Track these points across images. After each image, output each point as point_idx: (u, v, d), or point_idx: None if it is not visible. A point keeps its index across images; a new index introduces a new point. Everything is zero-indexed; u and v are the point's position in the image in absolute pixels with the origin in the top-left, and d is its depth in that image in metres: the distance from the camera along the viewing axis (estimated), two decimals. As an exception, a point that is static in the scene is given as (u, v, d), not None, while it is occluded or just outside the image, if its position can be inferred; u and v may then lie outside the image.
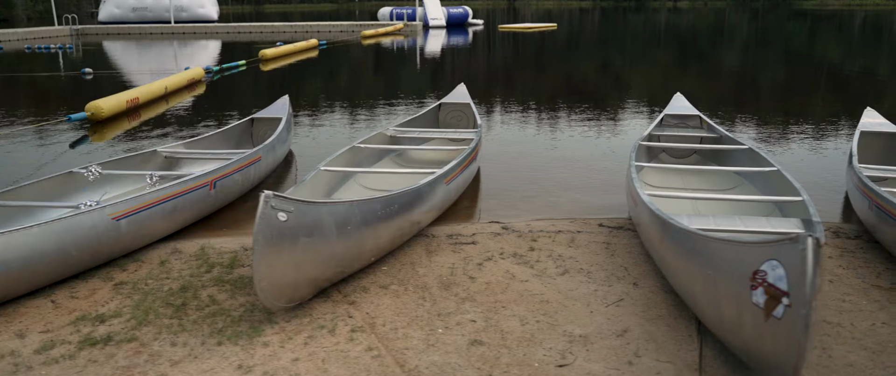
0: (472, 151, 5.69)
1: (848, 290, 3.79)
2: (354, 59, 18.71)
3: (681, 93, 7.72)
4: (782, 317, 2.37)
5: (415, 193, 4.41)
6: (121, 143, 8.07)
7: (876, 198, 4.37)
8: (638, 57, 19.34)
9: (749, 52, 20.31)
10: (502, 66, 16.75)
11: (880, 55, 18.91)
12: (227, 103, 11.01)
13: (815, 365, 3.01)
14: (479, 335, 3.30)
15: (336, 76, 14.95)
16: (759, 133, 8.33)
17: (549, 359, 3.07)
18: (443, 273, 4.09)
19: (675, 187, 5.70)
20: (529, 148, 7.71)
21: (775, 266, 2.41)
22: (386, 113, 10.07)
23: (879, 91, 11.87)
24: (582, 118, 9.43)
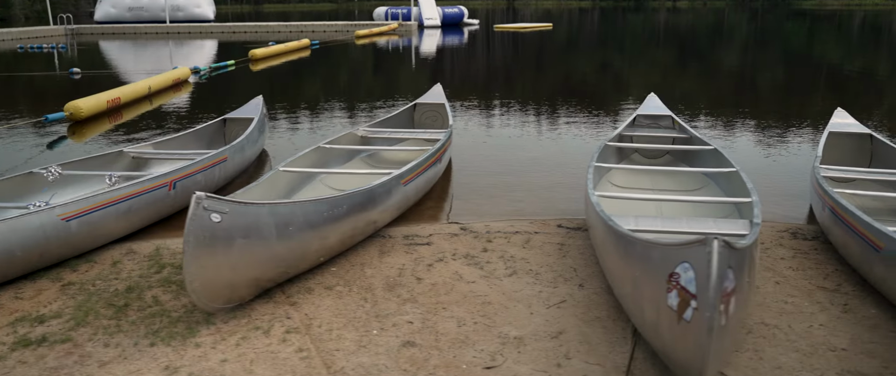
0: (434, 153, 5.68)
1: (793, 292, 3.78)
2: (345, 60, 18.71)
3: (654, 93, 7.72)
4: (690, 320, 2.37)
5: (366, 194, 4.41)
6: (98, 144, 8.07)
7: (828, 199, 4.36)
8: (630, 57, 19.31)
9: (742, 52, 20.28)
10: (491, 66, 16.74)
11: (877, 55, 18.87)
12: (212, 103, 11.01)
13: (744, 366, 3.00)
14: (413, 336, 3.30)
15: (324, 76, 14.95)
16: (740, 133, 8.32)
17: (478, 361, 3.07)
18: (391, 274, 4.09)
19: (643, 188, 5.68)
20: (504, 148, 7.70)
21: (687, 268, 2.40)
22: (369, 113, 10.07)
23: (871, 91, 11.85)
24: (562, 118, 9.42)
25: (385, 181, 4.67)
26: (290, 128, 9.02)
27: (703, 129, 8.57)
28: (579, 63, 17.48)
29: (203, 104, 10.97)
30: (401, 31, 29.53)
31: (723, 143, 7.79)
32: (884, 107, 10.12)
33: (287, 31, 30.58)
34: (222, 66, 16.32)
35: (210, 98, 11.60)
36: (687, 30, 33.93)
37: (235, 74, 15.14)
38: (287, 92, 12.35)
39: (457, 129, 8.78)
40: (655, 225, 3.97)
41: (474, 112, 9.99)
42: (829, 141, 6.33)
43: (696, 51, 21.31)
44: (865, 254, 3.68)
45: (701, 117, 9.39)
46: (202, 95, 11.92)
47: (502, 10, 76.61)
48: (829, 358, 3.07)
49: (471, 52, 20.92)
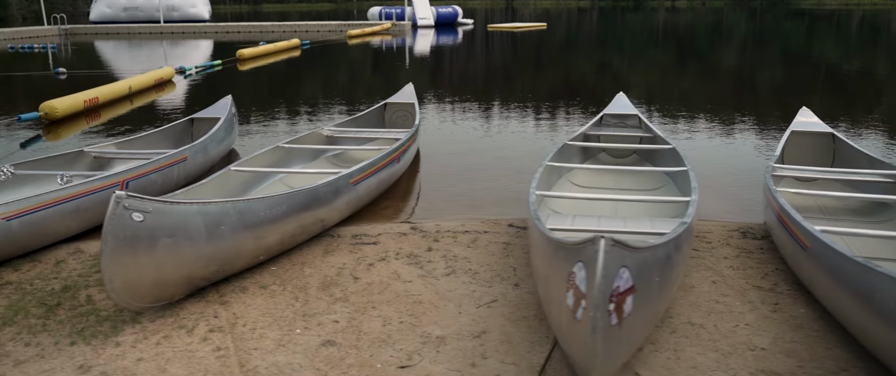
0: (391, 153, 5.68)
1: (727, 291, 3.77)
2: (335, 60, 18.71)
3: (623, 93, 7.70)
4: (581, 320, 2.36)
5: (309, 194, 4.40)
6: (71, 144, 8.07)
7: (770, 197, 4.35)
8: (621, 57, 19.29)
9: (735, 52, 20.24)
10: (478, 65, 16.73)
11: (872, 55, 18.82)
12: (194, 104, 11.02)
13: (660, 366, 3.00)
14: (335, 336, 3.29)
15: (311, 77, 14.96)
16: (714, 132, 8.30)
17: (394, 361, 3.06)
18: (329, 273, 4.09)
19: (605, 187, 5.65)
20: (474, 147, 7.70)
21: (581, 267, 2.40)
22: (350, 113, 10.07)
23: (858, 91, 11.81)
24: (539, 118, 9.41)
25: (331, 181, 4.67)
26: (267, 127, 9.02)
27: (678, 129, 8.55)
28: (568, 63, 17.46)
29: (184, 104, 10.98)
30: (394, 30, 29.52)
31: (694, 143, 7.79)
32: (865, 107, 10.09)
33: (280, 30, 30.59)
34: (209, 66, 16.33)
35: (192, 98, 11.61)
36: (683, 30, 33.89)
37: (222, 74, 15.15)
38: (271, 92, 12.36)
39: (430, 128, 8.77)
40: (590, 224, 3.96)
41: (451, 111, 9.98)
42: (792, 140, 6.31)
43: (689, 50, 21.28)
44: (795, 252, 3.67)
45: (680, 116, 9.37)
46: (184, 96, 11.93)
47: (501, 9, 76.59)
48: (746, 357, 3.06)
49: (461, 51, 20.91)
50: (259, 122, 9.36)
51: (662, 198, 4.41)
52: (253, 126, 9.12)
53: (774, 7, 75.16)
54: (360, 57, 19.44)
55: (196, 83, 13.65)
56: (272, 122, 9.34)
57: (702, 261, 4.23)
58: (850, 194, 4.55)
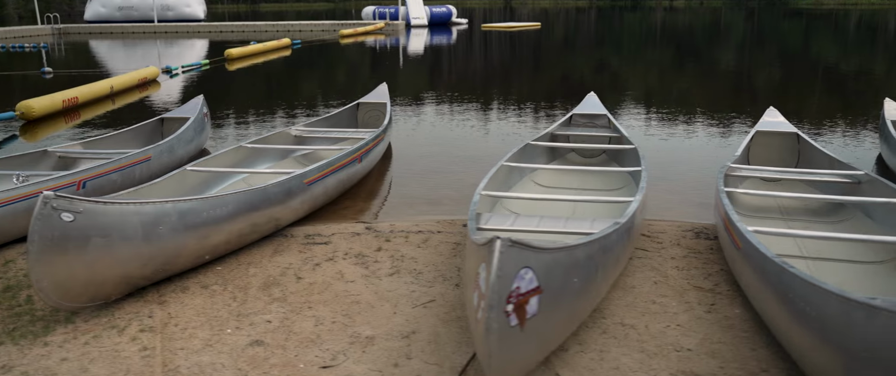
0: (352, 152, 5.68)
1: (666, 292, 3.77)
2: (325, 59, 18.72)
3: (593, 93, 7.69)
4: (480, 320, 2.36)
5: (258, 194, 4.41)
6: (46, 144, 8.08)
7: (717, 198, 4.35)
8: (612, 57, 19.28)
9: (729, 52, 20.23)
10: (465, 65, 16.73)
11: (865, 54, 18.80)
12: (177, 104, 11.03)
13: (582, 367, 3.00)
14: (265, 336, 3.30)
15: (299, 76, 14.96)
16: (687, 132, 8.29)
17: (318, 361, 3.06)
18: (274, 273, 4.09)
19: (570, 187, 5.64)
20: (445, 147, 7.70)
21: (483, 268, 2.40)
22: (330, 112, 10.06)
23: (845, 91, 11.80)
24: (518, 118, 9.41)
25: (282, 181, 4.67)
26: (245, 127, 9.02)
27: (655, 129, 8.55)
28: (557, 62, 17.45)
29: (166, 105, 10.99)
30: (387, 30, 29.53)
31: (667, 143, 7.79)
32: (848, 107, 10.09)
33: (274, 30, 30.61)
34: (196, 66, 16.34)
35: (175, 98, 11.62)
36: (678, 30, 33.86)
37: (209, 74, 15.16)
38: (256, 92, 12.37)
39: (406, 127, 8.78)
40: (531, 224, 3.96)
41: (430, 111, 9.98)
42: (758, 140, 6.30)
43: (680, 51, 21.26)
44: (731, 252, 3.68)
45: (660, 116, 9.37)
46: (168, 96, 11.93)
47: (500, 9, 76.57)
48: (670, 358, 3.06)
49: (451, 51, 20.91)
50: (238, 122, 9.36)
51: (618, 199, 4.41)
52: (231, 126, 9.13)
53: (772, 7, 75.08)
54: (349, 57, 19.44)
55: (181, 83, 13.66)
56: (251, 122, 9.35)
57: (648, 261, 4.23)
58: (803, 195, 4.55)
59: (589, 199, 4.30)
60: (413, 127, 8.89)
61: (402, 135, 8.36)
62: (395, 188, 6.14)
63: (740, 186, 5.56)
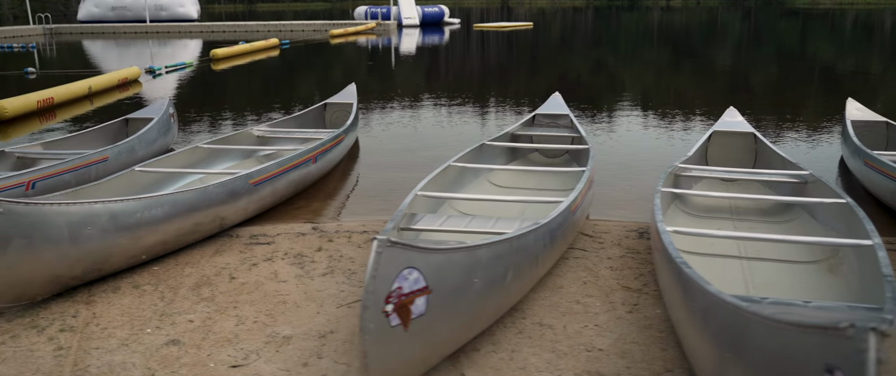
0: (305, 153, 5.69)
1: (593, 292, 3.78)
2: (312, 60, 18.74)
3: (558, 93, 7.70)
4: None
5: (199, 195, 4.42)
6: (19, 143, 8.10)
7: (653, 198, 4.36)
8: (600, 56, 19.28)
9: (720, 51, 20.23)
10: (449, 64, 16.74)
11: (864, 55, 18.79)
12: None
13: (489, 367, 3.01)
14: (183, 335, 3.31)
15: (283, 77, 14.99)
16: (659, 131, 8.31)
17: (229, 360, 3.08)
18: (208, 273, 4.11)
19: (525, 188, 5.63)
20: (412, 147, 7.72)
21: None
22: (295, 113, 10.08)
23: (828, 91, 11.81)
24: (495, 118, 9.42)
25: (226, 182, 4.69)
26: (219, 127, 9.04)
27: (624, 129, 8.56)
28: (542, 62, 17.45)
29: (145, 105, 11.01)
30: (379, 30, 29.55)
31: (633, 143, 7.80)
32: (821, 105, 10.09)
33: (265, 30, 30.63)
34: (180, 66, 16.36)
35: (154, 99, 11.64)
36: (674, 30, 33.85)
37: (192, 74, 15.18)
38: (237, 92, 12.39)
39: (378, 127, 8.80)
40: (461, 225, 3.97)
41: (404, 110, 10.00)
42: (716, 140, 6.31)
43: (673, 51, 21.26)
44: (653, 252, 3.69)
45: (632, 115, 9.38)
46: (148, 96, 11.95)
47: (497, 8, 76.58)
48: (579, 358, 3.07)
49: (439, 51, 20.92)
50: (213, 123, 9.38)
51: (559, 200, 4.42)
52: (206, 126, 9.15)
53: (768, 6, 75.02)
54: (337, 57, 19.46)
55: (163, 83, 13.68)
56: (227, 122, 9.37)
57: (584, 261, 4.24)
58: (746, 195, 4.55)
59: (540, 200, 4.31)
60: (385, 127, 8.91)
61: (373, 135, 8.38)
62: (352, 188, 6.16)
63: (695, 186, 5.57)
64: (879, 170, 5.39)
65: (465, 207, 5.11)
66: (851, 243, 3.43)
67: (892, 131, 6.81)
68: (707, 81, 13.38)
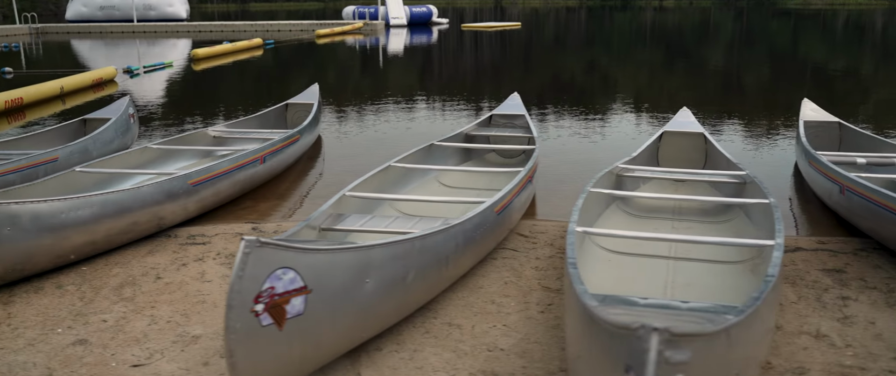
0: (251, 153, 5.71)
1: (512, 292, 3.81)
2: (295, 60, 18.76)
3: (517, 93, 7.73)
4: None
5: (131, 196, 4.44)
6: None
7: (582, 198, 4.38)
8: (583, 56, 19.31)
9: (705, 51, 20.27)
10: (429, 64, 16.77)
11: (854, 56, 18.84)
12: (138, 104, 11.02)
13: (387, 367, 3.03)
14: (93, 335, 3.34)
15: (262, 77, 15.00)
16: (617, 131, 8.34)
17: (132, 359, 3.11)
18: (135, 273, 4.13)
19: (474, 188, 5.64)
20: (373, 148, 7.75)
21: None
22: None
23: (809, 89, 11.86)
24: (463, 118, 9.45)
25: (162, 182, 4.71)
26: (188, 127, 9.06)
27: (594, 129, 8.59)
28: (526, 62, 17.47)
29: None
30: (366, 30, 29.57)
31: (592, 143, 7.83)
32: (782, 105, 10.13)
33: (252, 30, 30.65)
34: (159, 66, 16.37)
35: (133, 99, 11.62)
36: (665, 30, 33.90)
37: (171, 74, 15.19)
38: (213, 92, 12.40)
39: (343, 127, 8.83)
40: (381, 225, 3.99)
41: (372, 110, 10.03)
42: (667, 140, 6.34)
43: (656, 51, 21.30)
44: None
45: (605, 116, 9.41)
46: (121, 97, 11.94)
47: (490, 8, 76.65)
48: (478, 358, 3.10)
49: (424, 51, 20.94)
50: (179, 123, 9.40)
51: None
52: (171, 126, 9.16)
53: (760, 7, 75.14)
54: (320, 57, 19.48)
55: (140, 83, 13.69)
56: (194, 123, 9.38)
57: (512, 261, 4.27)
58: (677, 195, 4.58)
59: (485, 201, 4.32)
60: (353, 127, 8.93)
61: (339, 135, 8.41)
62: (304, 188, 6.19)
63: (641, 186, 5.58)
64: (819, 169, 5.43)
65: (408, 208, 5.12)
66: (768, 244, 3.46)
67: (845, 131, 6.85)
68: (691, 81, 13.42)
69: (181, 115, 9.92)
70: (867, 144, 6.40)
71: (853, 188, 4.72)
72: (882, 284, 3.93)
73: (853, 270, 4.16)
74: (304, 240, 3.13)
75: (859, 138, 6.57)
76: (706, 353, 1.74)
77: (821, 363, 3.00)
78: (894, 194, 4.21)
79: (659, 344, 1.49)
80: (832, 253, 4.48)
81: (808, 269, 4.19)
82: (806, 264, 4.29)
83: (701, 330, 1.61)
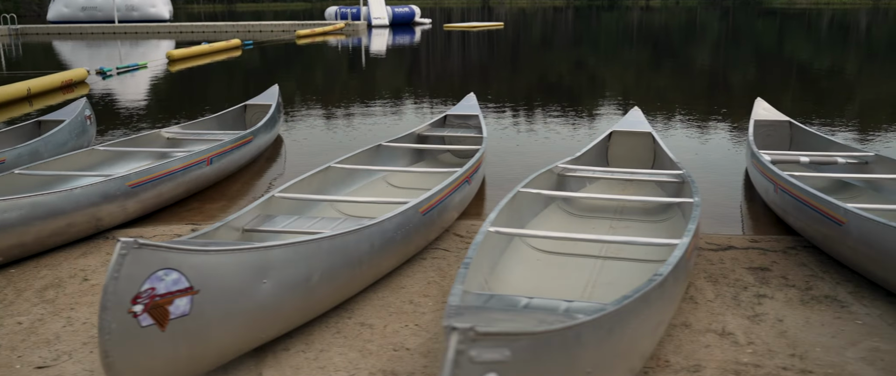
0: (196, 155, 5.72)
1: (433, 292, 3.84)
2: (273, 61, 18.74)
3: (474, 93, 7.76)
4: None
5: (64, 198, 4.45)
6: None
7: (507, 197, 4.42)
8: (561, 56, 19.37)
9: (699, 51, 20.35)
10: (406, 64, 16.79)
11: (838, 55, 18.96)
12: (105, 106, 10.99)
13: (290, 367, 3.06)
14: (4, 337, 3.35)
15: (238, 78, 14.98)
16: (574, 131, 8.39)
17: (39, 361, 3.12)
18: (63, 275, 4.14)
19: (422, 188, 5.66)
20: (331, 147, 7.78)
21: None
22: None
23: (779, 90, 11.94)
24: (426, 116, 9.47)
25: (99, 184, 4.72)
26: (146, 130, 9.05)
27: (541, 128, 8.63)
28: (500, 62, 17.51)
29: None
30: (348, 30, 29.56)
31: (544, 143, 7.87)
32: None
33: (234, 30, 30.60)
34: (132, 67, 16.33)
35: (104, 101, 11.61)
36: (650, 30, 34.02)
37: (145, 76, 15.15)
38: (183, 93, 12.38)
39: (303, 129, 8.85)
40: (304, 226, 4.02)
41: (339, 112, 10.04)
42: (616, 139, 6.37)
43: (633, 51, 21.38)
44: None
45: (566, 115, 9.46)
46: (96, 98, 11.92)
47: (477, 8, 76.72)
48: (382, 358, 3.12)
49: (403, 51, 20.96)
50: (141, 124, 9.39)
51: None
52: (132, 128, 9.15)
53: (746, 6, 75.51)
54: (298, 58, 19.47)
55: (111, 85, 13.66)
56: (158, 124, 9.37)
57: (440, 261, 4.30)
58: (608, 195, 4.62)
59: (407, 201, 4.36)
60: (316, 128, 8.95)
61: (300, 136, 8.42)
62: (257, 190, 6.20)
63: (586, 186, 5.60)
64: (758, 167, 5.49)
65: (351, 209, 5.12)
66: (673, 243, 3.50)
67: (795, 130, 6.91)
68: (673, 81, 13.49)
69: (146, 117, 9.91)
70: (815, 143, 6.46)
71: (784, 186, 4.78)
72: (802, 282, 3.97)
73: (778, 268, 4.21)
74: (192, 241, 3.14)
75: (808, 137, 6.63)
76: (538, 352, 1.77)
77: (719, 360, 3.04)
78: (820, 193, 4.27)
79: (459, 343, 1.52)
80: (762, 251, 4.53)
81: (734, 267, 4.24)
82: (733, 262, 4.33)
83: (513, 330, 1.63)
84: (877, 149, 6.49)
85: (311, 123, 9.28)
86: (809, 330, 3.35)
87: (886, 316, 3.49)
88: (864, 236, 3.77)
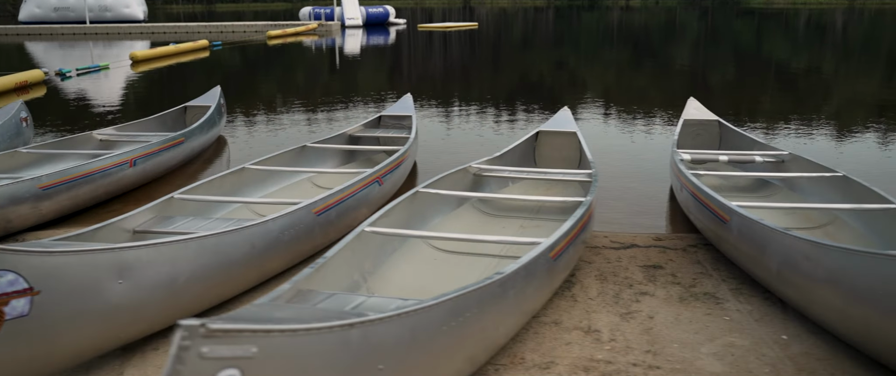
0: (117, 157, 5.72)
1: (322, 292, 3.88)
2: (240, 62, 18.70)
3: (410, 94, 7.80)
4: None
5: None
6: None
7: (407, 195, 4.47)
8: (532, 56, 19.45)
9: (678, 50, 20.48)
10: (373, 65, 16.82)
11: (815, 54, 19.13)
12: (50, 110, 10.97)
13: (155, 366, 3.10)
14: None
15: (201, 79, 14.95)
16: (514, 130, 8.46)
17: None
18: None
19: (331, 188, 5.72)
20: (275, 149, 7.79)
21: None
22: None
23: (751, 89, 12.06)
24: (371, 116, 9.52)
25: (8, 186, 4.72)
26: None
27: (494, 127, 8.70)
28: (474, 62, 17.57)
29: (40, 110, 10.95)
30: (321, 31, 29.53)
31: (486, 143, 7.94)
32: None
33: (206, 31, 30.51)
34: (93, 68, 16.25)
35: (51, 103, 11.57)
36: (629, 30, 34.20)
37: (104, 77, 15.09)
38: (142, 94, 12.34)
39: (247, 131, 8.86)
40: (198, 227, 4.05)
41: (290, 113, 10.06)
42: (542, 139, 6.41)
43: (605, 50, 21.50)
44: None
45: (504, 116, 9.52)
46: (47, 100, 11.87)
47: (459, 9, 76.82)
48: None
49: (374, 52, 20.98)
50: (90, 126, 9.36)
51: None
52: (76, 130, 9.13)
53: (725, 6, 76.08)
54: (266, 58, 19.44)
55: (68, 87, 13.59)
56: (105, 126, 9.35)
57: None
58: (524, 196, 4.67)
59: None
60: (264, 130, 8.96)
61: (246, 138, 8.43)
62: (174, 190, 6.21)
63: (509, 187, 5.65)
64: (673, 167, 5.57)
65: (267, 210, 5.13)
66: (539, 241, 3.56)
67: (724, 130, 6.99)
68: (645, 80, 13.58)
69: (94, 118, 9.89)
70: (739, 142, 6.55)
71: (686, 185, 4.86)
72: (689, 279, 4.05)
73: (672, 266, 4.28)
74: (36, 243, 3.15)
75: (734, 137, 6.72)
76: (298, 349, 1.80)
77: (573, 357, 3.11)
78: (710, 191, 4.35)
79: (182, 339, 1.56)
80: (663, 249, 4.61)
81: (629, 266, 4.31)
82: (630, 260, 4.40)
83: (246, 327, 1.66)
84: (842, 150, 6.60)
85: (259, 125, 9.30)
86: (675, 327, 3.42)
87: (755, 312, 3.57)
88: (743, 234, 3.86)
